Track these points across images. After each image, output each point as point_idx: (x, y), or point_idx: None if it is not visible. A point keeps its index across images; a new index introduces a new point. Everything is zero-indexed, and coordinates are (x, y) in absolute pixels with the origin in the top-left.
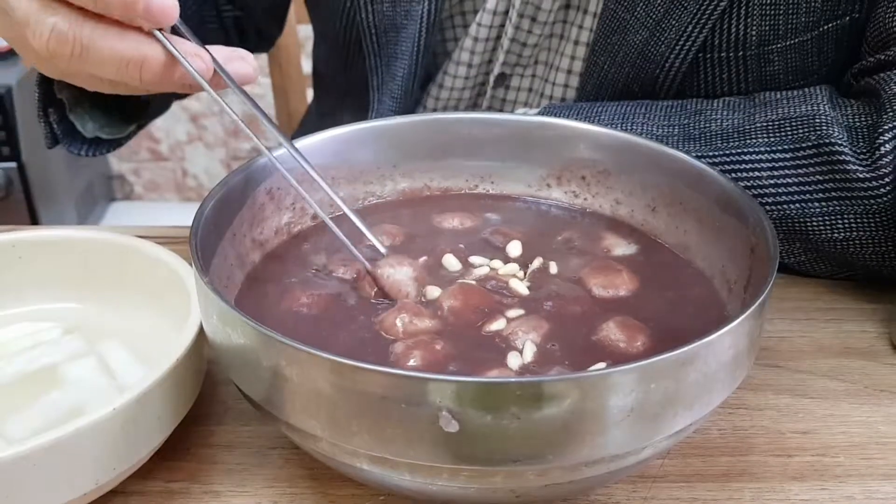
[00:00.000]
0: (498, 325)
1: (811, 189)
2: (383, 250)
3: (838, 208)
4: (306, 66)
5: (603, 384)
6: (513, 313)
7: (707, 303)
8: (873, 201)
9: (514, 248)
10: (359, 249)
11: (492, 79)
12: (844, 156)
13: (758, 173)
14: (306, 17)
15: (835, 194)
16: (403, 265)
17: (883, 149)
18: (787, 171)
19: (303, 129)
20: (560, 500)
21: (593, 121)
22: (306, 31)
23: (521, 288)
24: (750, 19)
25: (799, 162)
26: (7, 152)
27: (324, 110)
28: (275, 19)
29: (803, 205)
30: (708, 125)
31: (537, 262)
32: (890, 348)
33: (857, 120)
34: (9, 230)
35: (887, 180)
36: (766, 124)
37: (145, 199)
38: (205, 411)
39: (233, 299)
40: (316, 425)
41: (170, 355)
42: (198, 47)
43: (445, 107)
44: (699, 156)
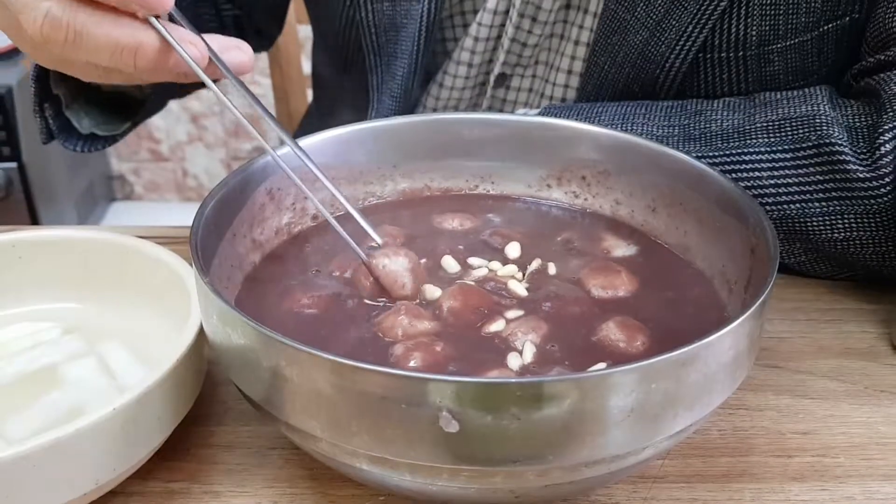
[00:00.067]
0: (497, 326)
1: (811, 189)
2: (379, 241)
3: (838, 208)
4: (306, 67)
5: (603, 385)
6: (512, 314)
7: (707, 303)
8: (873, 201)
9: (513, 250)
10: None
11: (492, 79)
12: (845, 156)
13: (758, 173)
14: (306, 17)
15: (835, 194)
16: (399, 256)
17: (883, 149)
18: (788, 172)
19: (303, 129)
20: (560, 501)
21: (593, 121)
22: (306, 31)
23: (520, 289)
24: (750, 19)
25: (799, 162)
26: (7, 152)
27: (323, 110)
28: (274, 18)
29: (803, 205)
30: (708, 125)
31: (536, 264)
32: (890, 349)
33: (857, 120)
34: (9, 230)
35: (887, 180)
36: (766, 124)
37: (146, 199)
38: (205, 412)
39: (233, 300)
40: (316, 426)
41: (170, 356)
42: (192, 35)
43: (446, 106)
44: (699, 156)
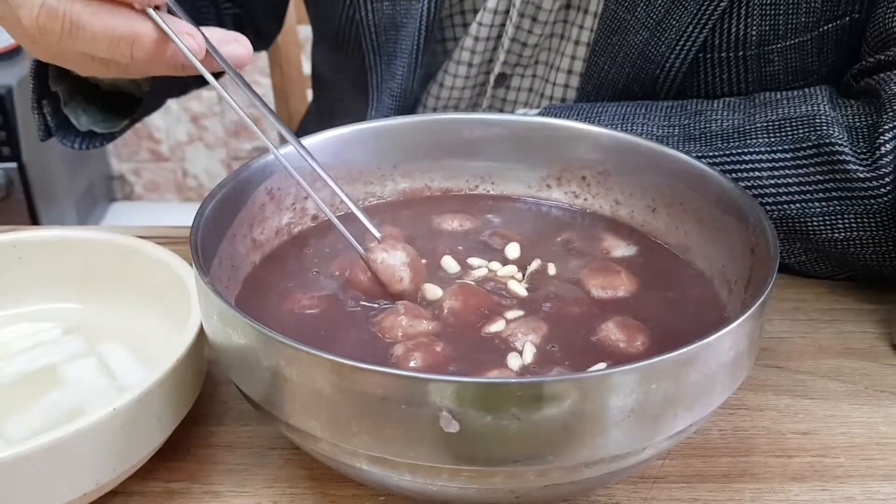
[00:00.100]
0: (497, 326)
1: (811, 189)
2: (378, 235)
3: (839, 208)
4: (306, 67)
5: (603, 385)
6: (512, 315)
7: (707, 303)
8: (873, 201)
9: (513, 250)
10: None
11: (492, 78)
12: (845, 156)
13: (758, 173)
14: (306, 17)
15: (835, 194)
16: (397, 250)
17: (883, 149)
18: (788, 172)
19: (303, 129)
20: (560, 501)
21: (593, 121)
22: (306, 31)
23: (520, 289)
24: (750, 19)
25: (799, 162)
26: (8, 152)
27: (323, 110)
28: (274, 18)
29: (804, 205)
30: (708, 125)
31: (536, 264)
32: (890, 349)
33: (857, 120)
34: (9, 230)
35: (887, 180)
36: (766, 124)
37: (146, 199)
38: (205, 412)
39: (233, 300)
40: (316, 426)
41: (170, 356)
42: (190, 26)
43: (446, 106)
44: (699, 156)
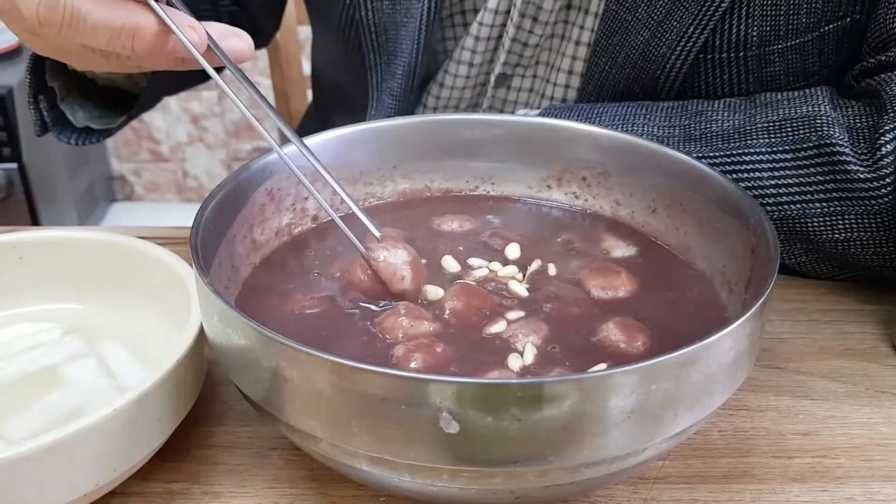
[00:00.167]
0: (498, 327)
1: (812, 190)
2: (378, 234)
3: (839, 209)
4: (306, 68)
5: (603, 385)
6: (513, 315)
7: (707, 304)
8: (874, 202)
9: (513, 251)
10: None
11: (493, 79)
12: (845, 156)
13: (759, 174)
14: (307, 17)
15: (836, 195)
16: (398, 249)
17: (884, 149)
18: (788, 172)
19: (303, 129)
20: (560, 502)
21: (594, 122)
22: (306, 32)
23: (521, 290)
24: (751, 20)
25: (800, 163)
26: (8, 153)
27: (323, 110)
28: (272, 16)
29: (804, 205)
30: (709, 126)
31: (536, 264)
32: (891, 350)
33: (857, 121)
34: (9, 231)
35: (888, 181)
36: (766, 125)
37: (146, 199)
38: (205, 412)
39: (233, 300)
40: (316, 426)
41: (170, 356)
42: (192, 19)
43: (446, 106)
44: (700, 157)
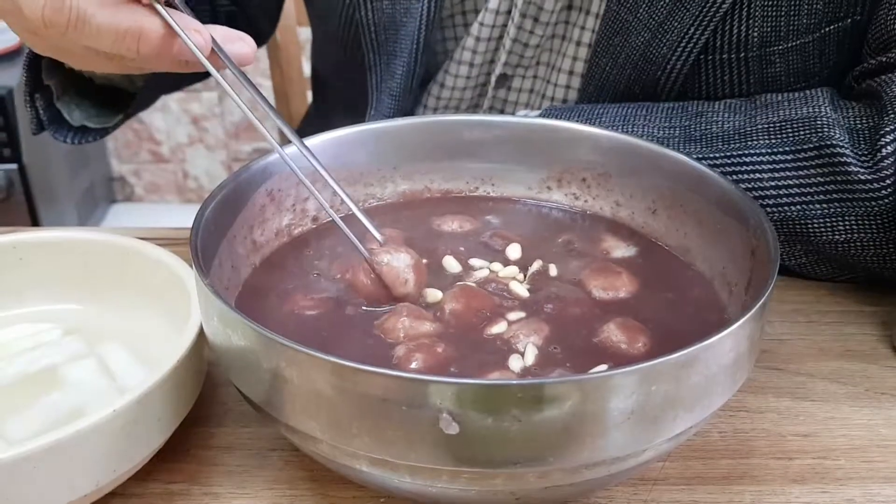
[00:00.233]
0: (499, 328)
1: (812, 191)
2: (379, 236)
3: (839, 210)
4: (307, 69)
5: (604, 386)
6: (514, 316)
7: (707, 305)
8: (874, 203)
9: (514, 251)
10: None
11: (493, 79)
12: (846, 158)
13: (759, 175)
14: (307, 19)
15: (836, 196)
16: (401, 252)
17: (884, 151)
18: (788, 173)
19: (303, 130)
20: (560, 503)
21: (594, 123)
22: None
23: (521, 290)
24: (752, 21)
25: (800, 164)
26: (8, 154)
27: (323, 110)
28: (269, 16)
29: (804, 207)
30: (709, 127)
31: (537, 265)
32: (891, 351)
33: (858, 122)
34: (10, 231)
35: (888, 182)
36: (767, 126)
37: (146, 200)
38: (205, 413)
39: (233, 301)
40: (316, 427)
41: (170, 357)
42: (197, 22)
43: (446, 106)
44: (700, 158)
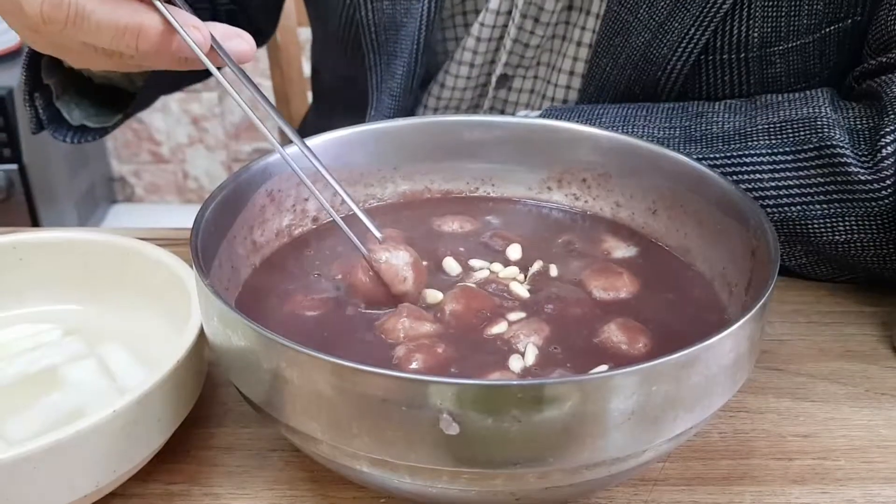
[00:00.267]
0: (499, 328)
1: (812, 191)
2: (379, 236)
3: (839, 211)
4: (307, 69)
5: (604, 387)
6: (514, 316)
7: (708, 305)
8: (875, 204)
9: (514, 252)
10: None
11: (494, 79)
12: (846, 158)
13: (759, 175)
14: (308, 19)
15: (836, 196)
16: (400, 250)
17: (884, 151)
18: (789, 174)
19: (303, 130)
20: (560, 503)
21: (594, 123)
22: (307, 33)
23: (522, 291)
24: (752, 21)
25: (800, 164)
26: (8, 154)
27: (323, 111)
28: (269, 16)
29: (804, 207)
30: (709, 127)
31: (537, 265)
32: (891, 351)
33: (858, 122)
34: (10, 232)
35: (889, 182)
36: (767, 127)
37: (146, 201)
38: (205, 413)
39: (233, 301)
40: (316, 428)
41: (170, 357)
42: (196, 19)
43: (447, 107)
44: (700, 158)
